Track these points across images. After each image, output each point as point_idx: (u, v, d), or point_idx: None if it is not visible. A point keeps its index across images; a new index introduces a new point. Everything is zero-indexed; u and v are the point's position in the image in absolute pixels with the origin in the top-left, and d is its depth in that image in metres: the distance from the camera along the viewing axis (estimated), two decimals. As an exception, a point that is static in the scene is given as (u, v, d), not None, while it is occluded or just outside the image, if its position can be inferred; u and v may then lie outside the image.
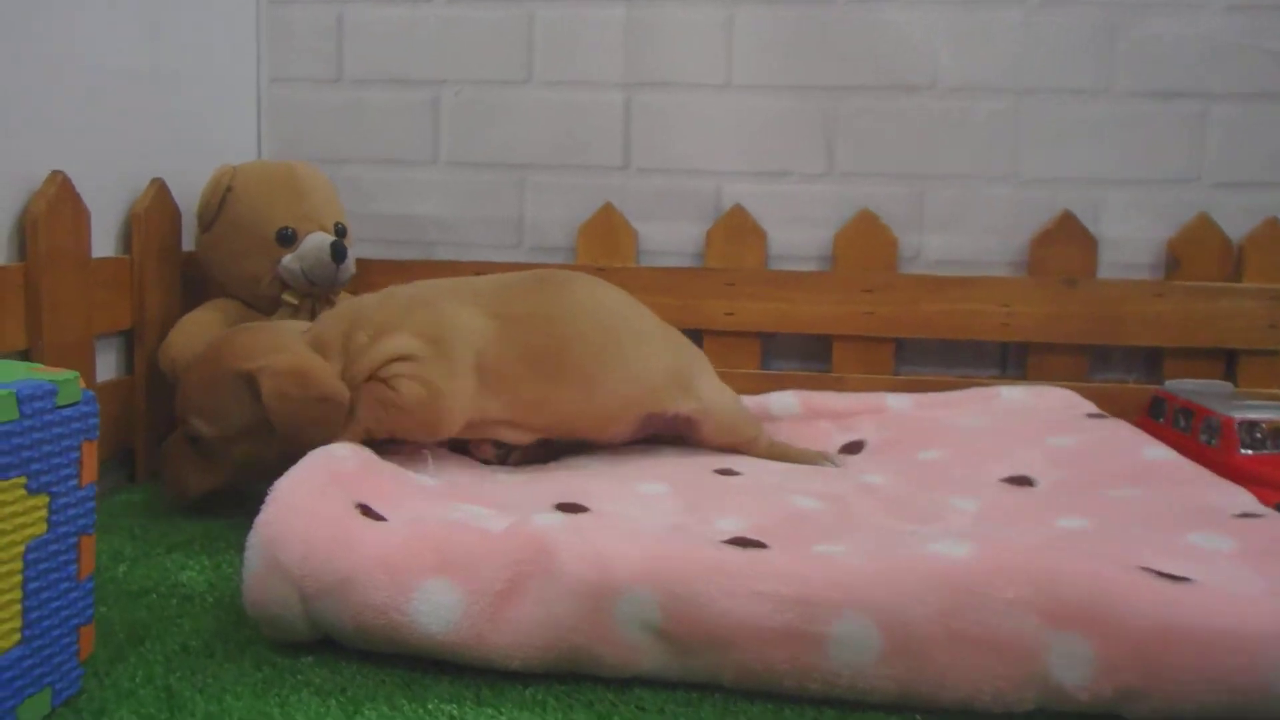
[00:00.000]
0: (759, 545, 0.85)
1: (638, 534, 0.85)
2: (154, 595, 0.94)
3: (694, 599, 0.78)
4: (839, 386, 1.50)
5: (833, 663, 0.76)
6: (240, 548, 0.84)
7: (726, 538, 0.87)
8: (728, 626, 0.77)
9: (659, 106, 1.59)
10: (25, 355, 1.09)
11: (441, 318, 1.13)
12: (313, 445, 1.00)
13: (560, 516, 0.89)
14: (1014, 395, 1.39)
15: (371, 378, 1.09)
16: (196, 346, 1.19)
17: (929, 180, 1.55)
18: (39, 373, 0.71)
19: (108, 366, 1.26)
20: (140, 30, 1.31)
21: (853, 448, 1.33)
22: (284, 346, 1.09)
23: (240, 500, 1.09)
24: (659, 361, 1.21)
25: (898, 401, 1.40)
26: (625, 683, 0.80)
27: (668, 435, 1.29)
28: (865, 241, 1.54)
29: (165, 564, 1.02)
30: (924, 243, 1.55)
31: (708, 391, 1.24)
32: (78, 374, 0.72)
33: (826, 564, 0.80)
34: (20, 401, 0.66)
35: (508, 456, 1.24)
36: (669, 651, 0.79)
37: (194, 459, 1.12)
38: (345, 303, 1.17)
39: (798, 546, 0.89)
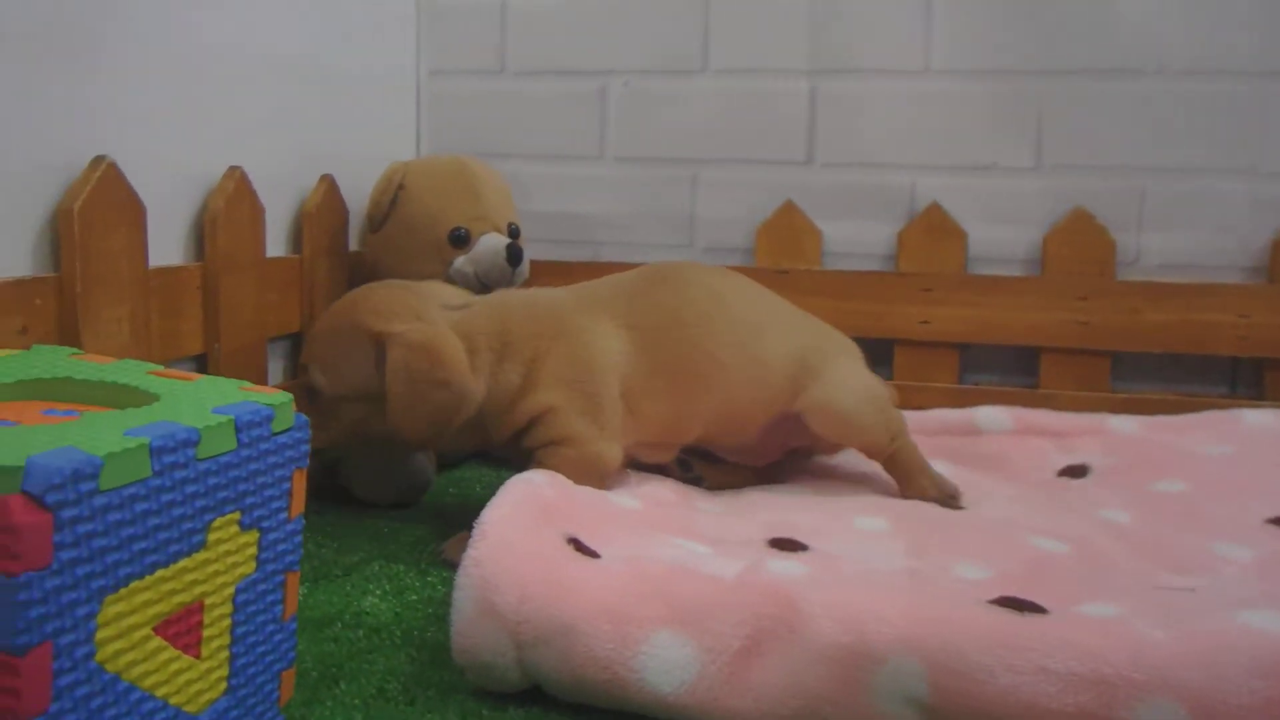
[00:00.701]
0: (1035, 609, 0.73)
1: (892, 590, 0.74)
2: (339, 625, 0.87)
3: (969, 673, 0.67)
4: (1048, 404, 1.36)
5: (1135, 753, 0.64)
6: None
7: (990, 596, 0.75)
8: (1009, 706, 0.66)
9: (847, 95, 1.47)
10: (201, 360, 1.03)
11: (586, 349, 1.04)
12: (419, 431, 0.99)
13: (791, 562, 0.79)
14: (1261, 420, 1.23)
15: (527, 447, 1.04)
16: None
17: (1152, 174, 1.39)
18: (251, 393, 0.63)
19: (277, 371, 1.21)
20: (305, 22, 1.25)
21: (1074, 471, 1.20)
22: (423, 316, 1.02)
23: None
24: (784, 355, 1.11)
25: (1122, 423, 1.26)
26: (882, 761, 0.69)
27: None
28: (1078, 243, 1.40)
29: (345, 588, 0.95)
30: (1145, 244, 1.40)
31: (832, 383, 1.10)
32: (291, 397, 0.64)
33: (1126, 638, 0.68)
34: (239, 429, 0.58)
35: (691, 474, 1.15)
36: (934, 730, 0.68)
37: (309, 410, 1.03)
38: (497, 302, 1.09)
39: (1066, 606, 0.77)
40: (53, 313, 0.82)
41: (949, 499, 1.10)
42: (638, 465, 1.12)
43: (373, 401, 1.00)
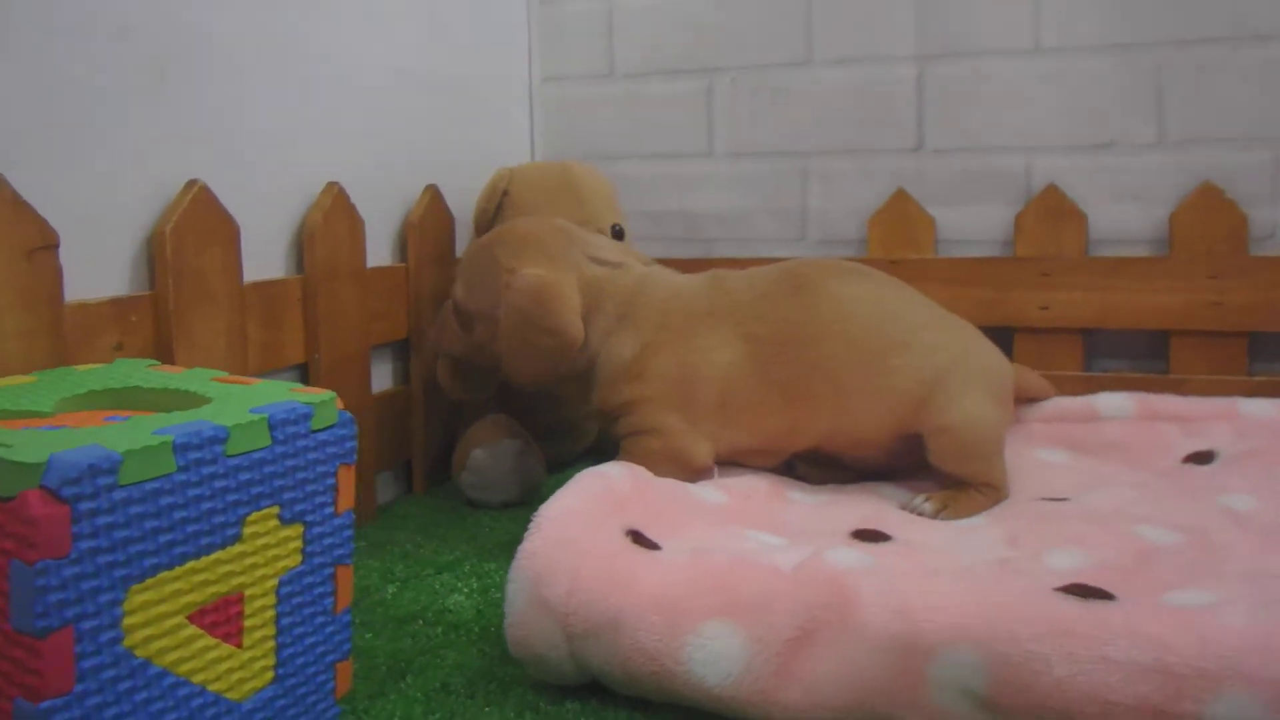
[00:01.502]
0: (1102, 595, 0.69)
1: (952, 578, 0.72)
2: (420, 622, 0.90)
3: (1026, 663, 0.65)
4: (1179, 390, 1.28)
5: (1206, 748, 0.61)
6: (507, 565, 0.78)
7: (1062, 583, 0.71)
8: (1068, 697, 0.64)
9: (956, 78, 1.43)
10: (303, 369, 1.08)
11: (696, 356, 1.04)
12: (525, 371, 1.04)
13: (858, 553, 0.77)
14: None
15: (615, 435, 1.07)
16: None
17: (1287, 142, 1.30)
18: (298, 394, 0.66)
19: (383, 377, 1.25)
20: (417, 36, 1.30)
21: (1200, 457, 1.13)
22: (557, 259, 1.07)
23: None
24: (910, 378, 1.04)
25: (1255, 407, 1.18)
26: (939, 755, 0.67)
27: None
28: (1208, 219, 1.32)
29: (434, 586, 0.97)
30: (1282, 217, 1.31)
31: (955, 414, 1.03)
32: (334, 394, 0.67)
33: (1195, 625, 0.64)
34: (273, 427, 0.61)
35: (795, 473, 1.13)
36: (994, 722, 0.65)
37: (452, 324, 1.13)
38: (646, 276, 1.11)
39: (1148, 595, 0.72)
40: (148, 329, 0.87)
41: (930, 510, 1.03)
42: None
43: (497, 325, 1.05)
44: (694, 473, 1.03)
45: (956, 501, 1.02)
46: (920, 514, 1.00)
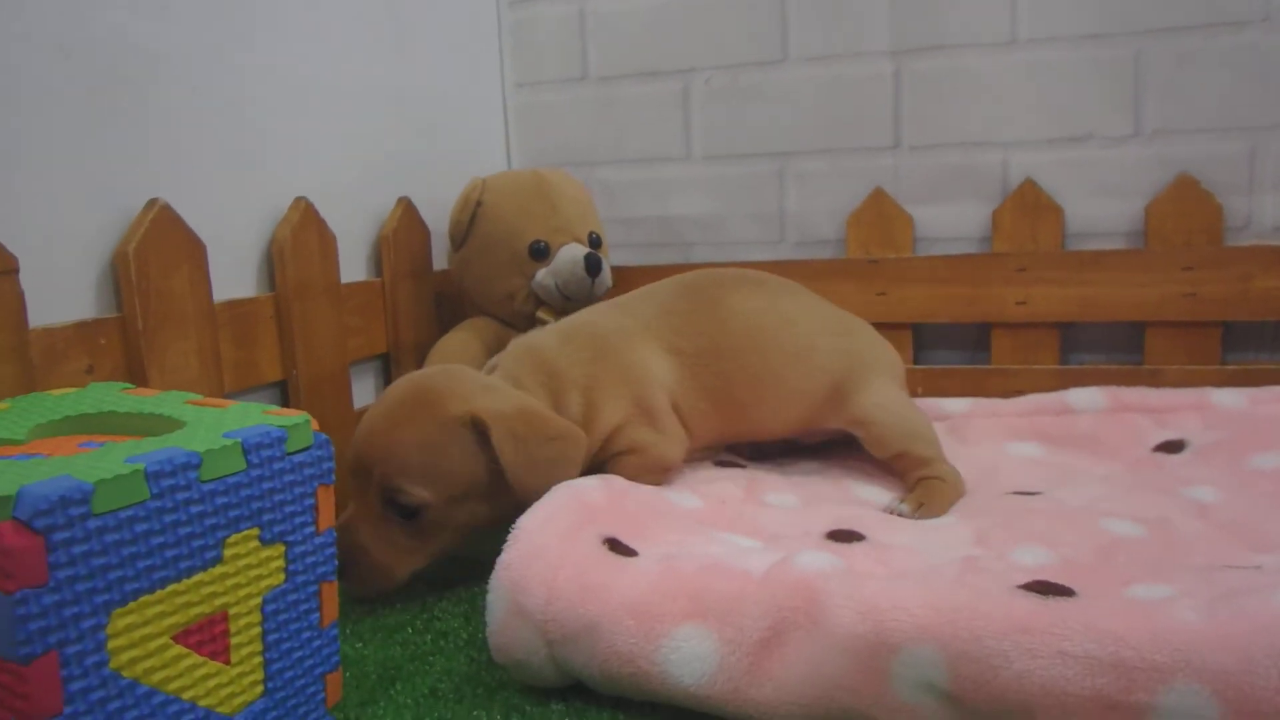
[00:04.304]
0: (1063, 591, 0.71)
1: (917, 579, 0.74)
2: (409, 630, 0.92)
3: (986, 659, 0.66)
4: (1154, 381, 1.30)
5: (1159, 739, 0.63)
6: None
7: (1024, 580, 0.73)
8: (1026, 691, 0.66)
9: (933, 73, 1.44)
10: (281, 387, 1.09)
11: (633, 367, 1.08)
12: (543, 489, 0.92)
13: (829, 555, 0.79)
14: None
15: (599, 459, 1.06)
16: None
17: (1263, 133, 1.31)
18: (271, 416, 0.68)
19: (366, 392, 1.26)
20: (384, 49, 1.30)
21: (1171, 447, 1.16)
22: (492, 387, 0.98)
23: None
24: (818, 380, 1.14)
25: (1227, 397, 1.20)
26: (905, 748, 0.69)
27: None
28: (1184, 211, 1.33)
29: (424, 597, 0.99)
30: (1257, 208, 1.32)
31: (869, 405, 1.13)
32: (308, 417, 0.68)
33: (1150, 619, 0.66)
34: (247, 451, 0.63)
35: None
36: (956, 717, 0.68)
37: (402, 537, 0.94)
38: (524, 348, 1.07)
39: (1110, 589, 0.75)
40: (118, 351, 0.88)
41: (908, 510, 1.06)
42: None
43: (486, 492, 0.94)
44: (673, 473, 1.09)
45: (929, 498, 1.05)
46: (901, 515, 1.03)
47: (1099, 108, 1.37)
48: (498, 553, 0.80)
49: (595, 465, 1.07)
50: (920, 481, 1.09)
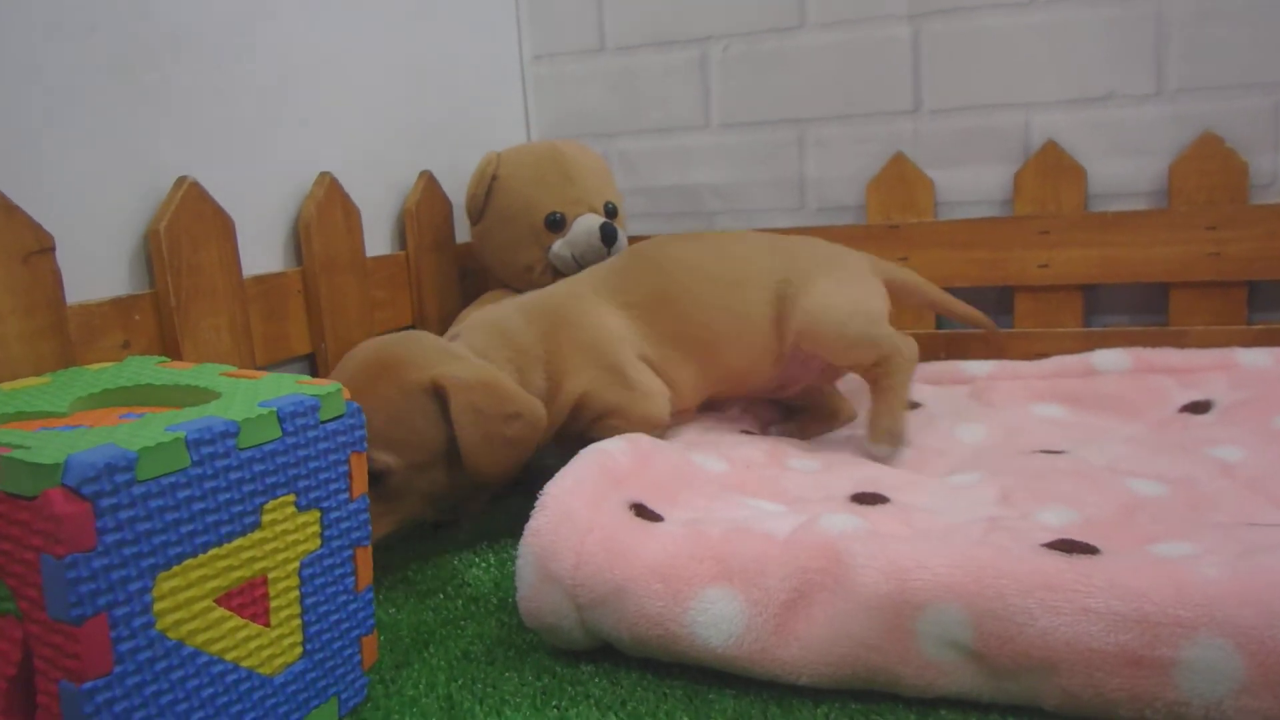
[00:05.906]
0: (1087, 549, 0.72)
1: (941, 539, 0.75)
2: (441, 595, 0.93)
3: (1010, 616, 0.67)
4: (1179, 342, 1.30)
5: (1180, 692, 0.64)
6: (520, 538, 0.81)
7: (1048, 539, 0.74)
8: (1050, 647, 0.66)
9: (952, 35, 1.44)
10: (310, 360, 1.10)
11: (592, 329, 1.08)
12: (501, 467, 0.95)
13: (852, 518, 0.80)
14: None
15: (578, 430, 1.07)
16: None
17: (1287, 88, 1.31)
18: (304, 386, 0.69)
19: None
20: (403, 22, 1.31)
21: (1196, 407, 1.16)
22: (457, 355, 0.97)
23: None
24: (760, 300, 1.14)
25: (1253, 356, 1.20)
26: (929, 703, 0.71)
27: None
28: (1207, 169, 1.33)
29: (454, 563, 1.01)
30: (1282, 165, 1.32)
31: (809, 306, 1.13)
32: (340, 386, 0.70)
33: (1173, 576, 0.66)
34: (282, 419, 0.65)
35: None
36: (981, 673, 0.69)
37: (371, 502, 0.91)
38: (484, 321, 1.07)
39: (1133, 547, 0.75)
40: (152, 326, 0.90)
41: (886, 451, 1.10)
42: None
43: (451, 460, 0.94)
44: (662, 427, 1.10)
45: (879, 416, 1.11)
46: (880, 459, 1.07)
47: (1120, 66, 1.37)
48: (526, 518, 0.82)
49: (573, 435, 1.06)
50: (875, 386, 1.12)
